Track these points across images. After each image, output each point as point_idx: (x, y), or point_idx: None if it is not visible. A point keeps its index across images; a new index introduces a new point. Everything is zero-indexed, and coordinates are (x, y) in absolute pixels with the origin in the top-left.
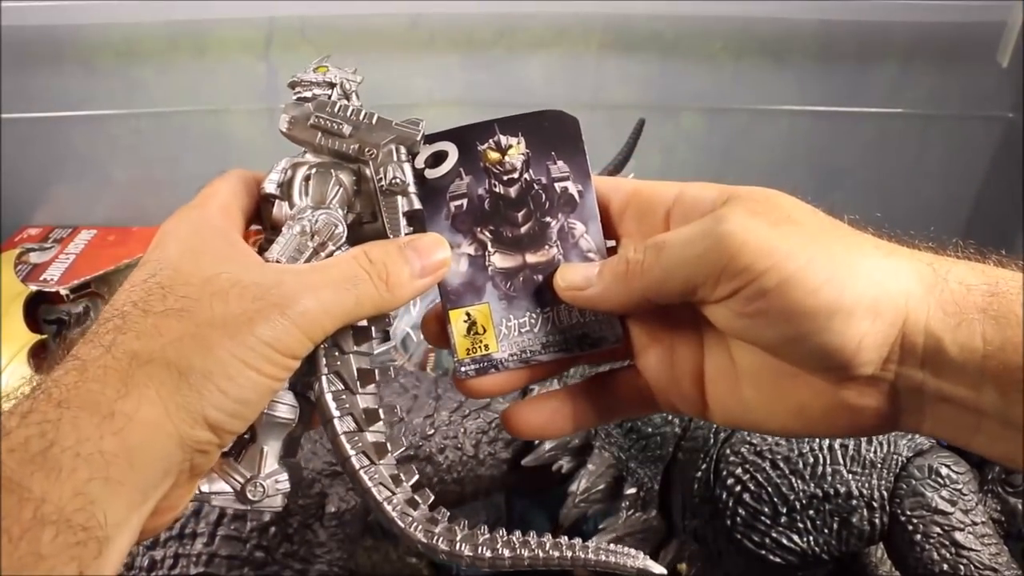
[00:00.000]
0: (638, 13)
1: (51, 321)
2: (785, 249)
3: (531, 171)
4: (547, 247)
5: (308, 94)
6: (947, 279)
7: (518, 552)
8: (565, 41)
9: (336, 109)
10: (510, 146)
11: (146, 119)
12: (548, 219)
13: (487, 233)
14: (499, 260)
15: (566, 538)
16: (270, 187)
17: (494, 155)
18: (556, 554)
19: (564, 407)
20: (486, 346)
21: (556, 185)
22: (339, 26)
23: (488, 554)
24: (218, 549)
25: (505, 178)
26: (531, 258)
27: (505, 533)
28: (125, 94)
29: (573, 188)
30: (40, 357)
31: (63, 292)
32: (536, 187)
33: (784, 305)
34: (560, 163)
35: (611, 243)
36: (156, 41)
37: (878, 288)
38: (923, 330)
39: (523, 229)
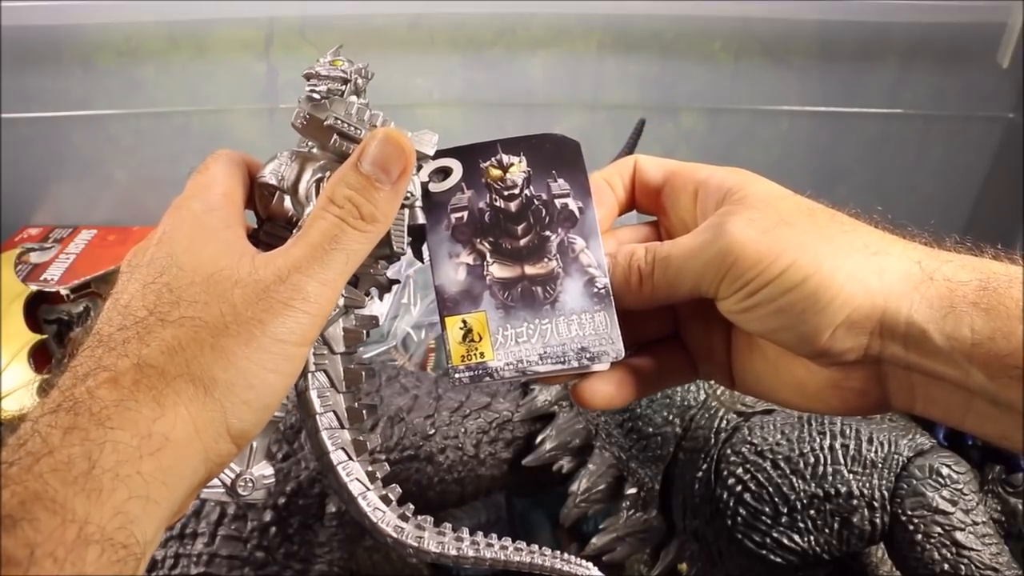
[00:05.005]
0: (638, 13)
1: (51, 321)
2: (776, 252)
3: (531, 187)
4: (546, 260)
5: (323, 88)
6: (933, 277)
7: (481, 553)
8: (565, 41)
9: (354, 112)
10: (511, 164)
11: (146, 119)
12: (548, 233)
13: (486, 244)
14: (497, 270)
15: (525, 544)
16: (271, 179)
17: (496, 172)
18: (516, 558)
19: (628, 377)
20: (481, 354)
21: (556, 201)
22: (339, 26)
23: (453, 552)
24: (218, 549)
25: (506, 193)
26: (530, 270)
27: (468, 533)
28: (125, 94)
29: (573, 205)
30: (40, 357)
31: (63, 292)
32: (536, 202)
33: (769, 301)
34: (561, 181)
35: (652, 218)
36: (156, 41)
37: (856, 284)
38: (905, 322)
39: (522, 242)
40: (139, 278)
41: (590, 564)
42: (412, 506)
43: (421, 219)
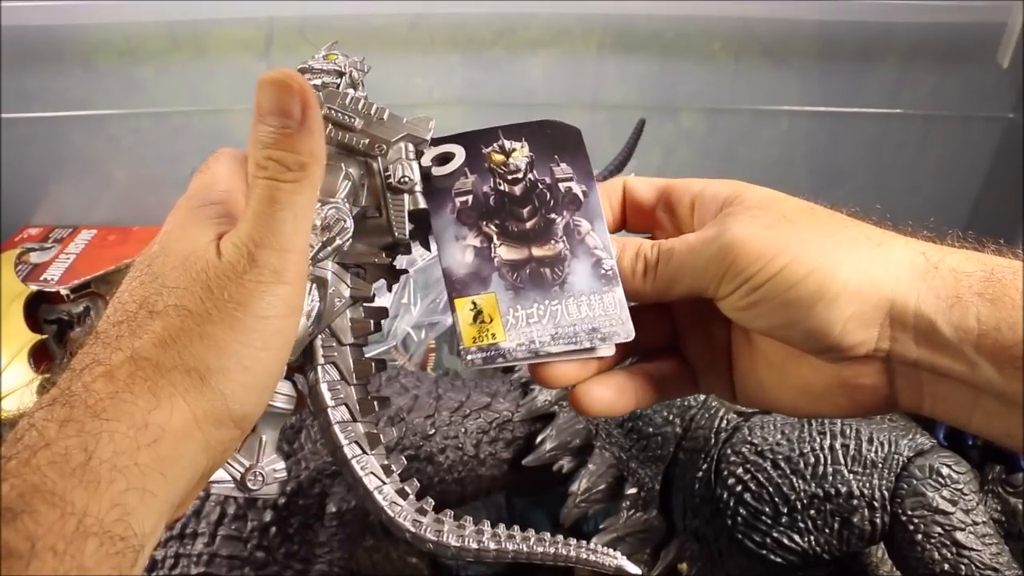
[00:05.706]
0: (638, 13)
1: (51, 321)
2: (778, 247)
3: (535, 172)
4: (553, 242)
5: (317, 81)
6: (939, 267)
7: (503, 545)
8: (565, 41)
9: (348, 101)
10: (514, 149)
11: (146, 119)
12: (553, 216)
13: (492, 227)
14: (505, 252)
15: (548, 535)
16: None
17: (499, 157)
18: (540, 549)
19: (628, 384)
20: (493, 335)
21: (560, 185)
22: (339, 26)
23: (474, 546)
24: (219, 549)
25: (510, 177)
26: (537, 251)
27: (490, 526)
28: (125, 94)
29: (577, 188)
30: (40, 357)
31: (63, 292)
32: (540, 186)
33: (774, 297)
34: (563, 165)
35: (647, 235)
36: (156, 41)
37: (862, 276)
38: (913, 312)
39: (528, 224)
40: (134, 275)
41: (617, 552)
42: (431, 500)
43: (422, 204)
